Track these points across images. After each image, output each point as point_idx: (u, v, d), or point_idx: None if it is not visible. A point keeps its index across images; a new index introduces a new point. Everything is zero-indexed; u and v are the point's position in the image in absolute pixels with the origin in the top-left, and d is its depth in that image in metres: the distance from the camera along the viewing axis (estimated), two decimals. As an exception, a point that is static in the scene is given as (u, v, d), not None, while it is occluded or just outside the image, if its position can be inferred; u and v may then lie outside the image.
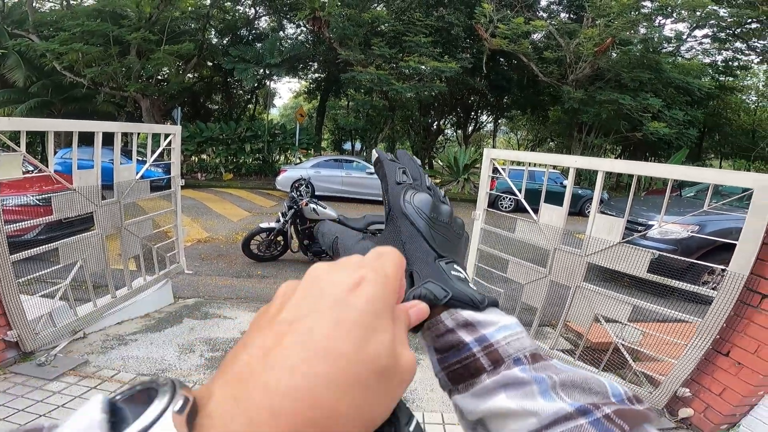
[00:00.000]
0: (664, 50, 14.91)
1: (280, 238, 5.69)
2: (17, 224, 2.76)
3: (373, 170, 9.71)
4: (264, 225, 5.65)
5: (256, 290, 4.96)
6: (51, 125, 2.86)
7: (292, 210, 5.45)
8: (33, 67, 14.15)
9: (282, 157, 17.17)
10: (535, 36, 15.13)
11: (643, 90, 13.37)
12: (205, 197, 11.18)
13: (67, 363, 2.79)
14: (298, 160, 15.20)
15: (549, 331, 3.61)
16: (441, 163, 17.06)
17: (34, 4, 14.50)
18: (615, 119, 14.08)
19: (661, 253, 2.69)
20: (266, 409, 0.17)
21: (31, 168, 4.91)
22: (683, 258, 2.69)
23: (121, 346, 3.14)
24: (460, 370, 0.31)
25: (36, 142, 14.85)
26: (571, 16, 16.15)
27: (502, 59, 16.52)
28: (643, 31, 13.78)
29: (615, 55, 13.59)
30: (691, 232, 5.04)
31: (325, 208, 5.66)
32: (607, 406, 0.27)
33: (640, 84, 13.32)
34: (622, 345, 2.78)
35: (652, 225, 5.10)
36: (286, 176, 11.67)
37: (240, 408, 0.17)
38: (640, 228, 4.81)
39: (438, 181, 16.45)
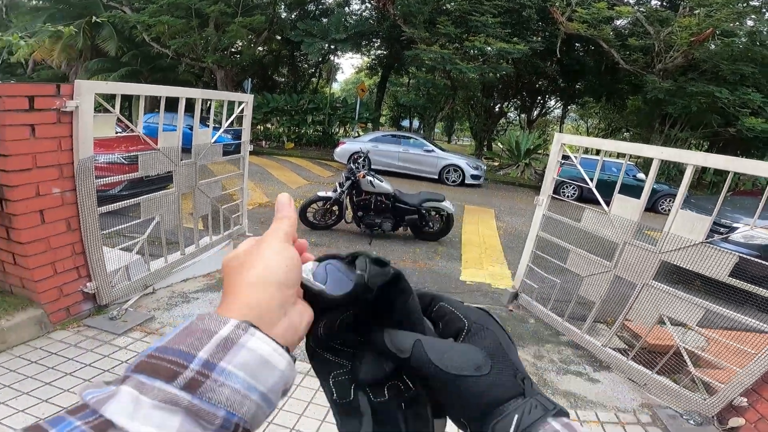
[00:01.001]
0: None
1: (335, 207, 5.83)
2: (105, 179, 2.96)
3: (430, 148, 9.59)
4: (321, 194, 5.81)
5: (310, 257, 5.15)
6: (142, 90, 3.11)
7: (350, 181, 5.55)
8: (124, 38, 15.38)
9: (341, 130, 17.50)
10: (619, 22, 13.96)
11: (744, 84, 11.95)
12: (268, 164, 11.70)
13: (136, 318, 2.90)
14: (356, 134, 15.40)
15: (602, 328, 3.43)
16: (501, 146, 16.45)
17: (127, -24, 15.62)
18: (706, 113, 12.71)
19: (744, 256, 2.44)
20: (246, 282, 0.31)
21: (120, 129, 5.39)
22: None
23: (184, 303, 3.28)
24: None
25: (124, 107, 16.25)
26: (665, 3, 14.59)
27: (577, 44, 15.40)
28: (750, 23, 12.29)
29: (714, 46, 12.17)
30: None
31: (381, 181, 5.70)
32: None
33: (741, 77, 11.91)
34: (685, 349, 2.59)
35: (737, 227, 4.62)
36: (345, 148, 11.88)
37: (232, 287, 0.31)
38: (722, 230, 4.37)
39: (497, 164, 15.94)
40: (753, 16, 12.36)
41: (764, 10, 12.10)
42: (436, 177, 11.85)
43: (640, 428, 2.43)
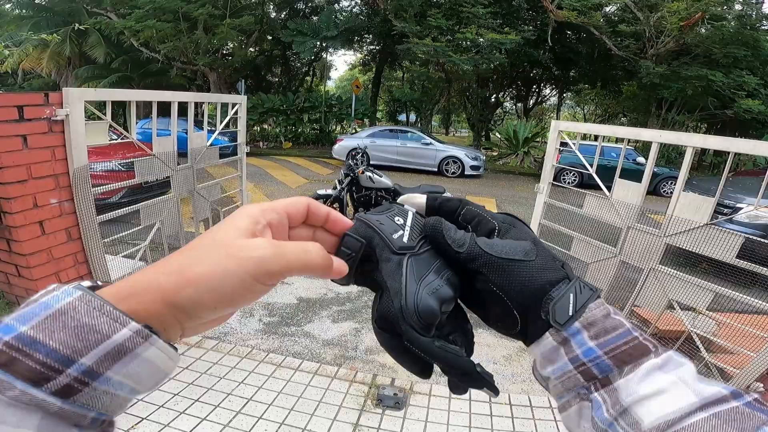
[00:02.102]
0: (763, 27, 13.15)
1: (336, 205, 5.80)
2: (103, 187, 2.94)
3: (428, 140, 9.62)
4: (321, 192, 5.78)
5: (313, 257, 5.14)
6: (133, 95, 3.06)
7: (349, 178, 5.53)
8: (112, 44, 15.28)
9: (338, 127, 17.47)
10: (609, 8, 13.93)
11: (738, 67, 11.96)
12: (266, 164, 11.67)
13: None
14: (353, 130, 15.36)
15: (612, 315, 3.42)
16: (499, 136, 16.42)
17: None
18: (702, 96, 12.71)
19: (751, 237, 2.42)
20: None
21: (114, 136, 5.36)
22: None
23: None
24: (629, 351, 0.31)
25: (118, 114, 16.19)
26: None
27: (569, 32, 15.34)
28: (738, 7, 12.33)
29: (705, 30, 12.14)
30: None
31: (381, 176, 5.67)
32: (746, 394, 0.28)
33: (734, 60, 11.94)
34: (696, 334, 2.57)
35: (740, 208, 4.60)
36: (342, 145, 11.86)
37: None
38: (726, 210, 4.34)
39: (495, 153, 15.91)
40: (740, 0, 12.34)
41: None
42: (436, 169, 11.83)
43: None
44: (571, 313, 0.32)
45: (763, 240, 2.44)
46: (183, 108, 3.32)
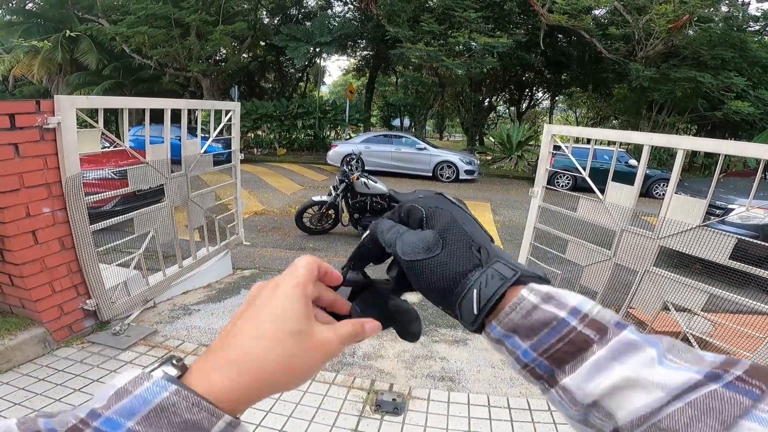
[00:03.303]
0: (749, 29, 13.40)
1: (331, 211, 5.80)
2: (96, 196, 2.92)
3: (422, 145, 9.73)
4: (316, 198, 5.78)
5: (308, 263, 5.12)
6: (125, 103, 3.05)
7: (344, 184, 5.53)
8: (104, 50, 15.20)
9: (332, 133, 17.46)
10: (598, 12, 14.10)
11: (726, 69, 12.13)
12: (261, 171, 11.62)
13: (139, 332, 2.90)
14: (348, 136, 15.37)
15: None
16: (493, 140, 16.52)
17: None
18: (691, 98, 12.89)
19: (743, 238, 2.44)
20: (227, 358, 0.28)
21: (107, 144, 5.32)
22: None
23: (186, 316, 3.27)
24: (564, 348, 0.28)
25: (110, 121, 16.09)
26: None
27: (560, 35, 15.51)
28: (724, 9, 12.56)
29: (692, 32, 12.35)
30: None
31: (375, 182, 5.67)
32: (733, 368, 0.24)
33: (722, 62, 12.12)
34: (692, 335, 2.59)
35: (732, 209, 4.65)
36: (337, 151, 11.86)
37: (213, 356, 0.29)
38: (717, 211, 4.39)
39: (489, 158, 15.99)
40: (727, 1, 12.58)
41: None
42: (430, 174, 11.86)
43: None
44: (476, 312, 0.30)
45: (755, 240, 2.48)
46: (176, 115, 3.31)
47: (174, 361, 0.28)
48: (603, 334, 0.27)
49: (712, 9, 11.97)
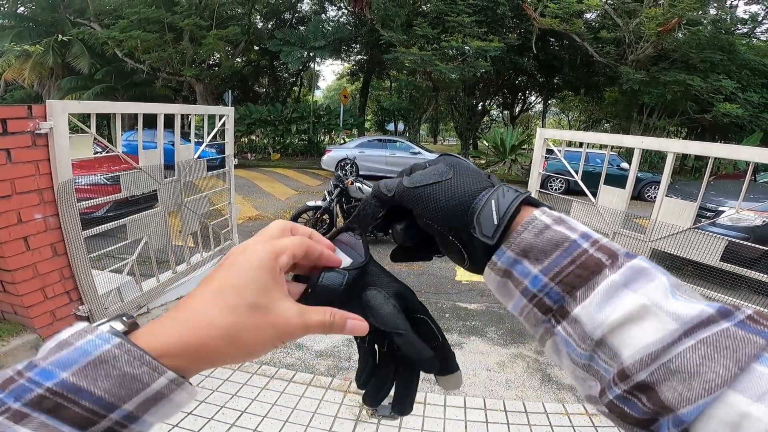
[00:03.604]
0: (737, 32, 13.63)
1: (326, 216, 5.79)
2: (88, 202, 2.90)
3: (417, 150, 9.72)
4: (311, 203, 5.77)
5: (304, 268, 5.11)
6: (117, 108, 3.04)
7: (338, 189, 5.53)
8: (96, 54, 15.10)
9: (327, 138, 17.45)
10: (589, 15, 14.31)
11: (715, 71, 12.32)
12: (255, 176, 11.59)
13: None
14: (342, 141, 15.38)
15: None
16: (486, 144, 16.61)
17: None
18: (681, 100, 13.06)
19: (734, 240, 2.48)
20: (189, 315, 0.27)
21: (99, 150, 5.28)
22: (759, 246, 2.45)
23: None
24: (576, 271, 0.26)
25: (102, 126, 15.96)
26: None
27: (552, 39, 15.68)
28: (713, 12, 12.78)
29: (681, 35, 12.54)
30: (767, 219, 4.60)
31: (370, 187, 5.68)
32: (742, 308, 0.23)
33: (711, 65, 12.30)
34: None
35: (722, 211, 4.71)
36: (331, 156, 11.87)
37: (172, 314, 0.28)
38: (708, 214, 4.45)
39: (483, 161, 16.08)
40: (715, 4, 12.78)
41: (724, -2, 12.55)
42: (425, 178, 11.89)
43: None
44: (496, 222, 0.29)
45: (745, 242, 2.51)
46: (169, 120, 3.30)
47: (124, 318, 0.28)
48: (615, 259, 0.26)
49: (700, 12, 12.20)
